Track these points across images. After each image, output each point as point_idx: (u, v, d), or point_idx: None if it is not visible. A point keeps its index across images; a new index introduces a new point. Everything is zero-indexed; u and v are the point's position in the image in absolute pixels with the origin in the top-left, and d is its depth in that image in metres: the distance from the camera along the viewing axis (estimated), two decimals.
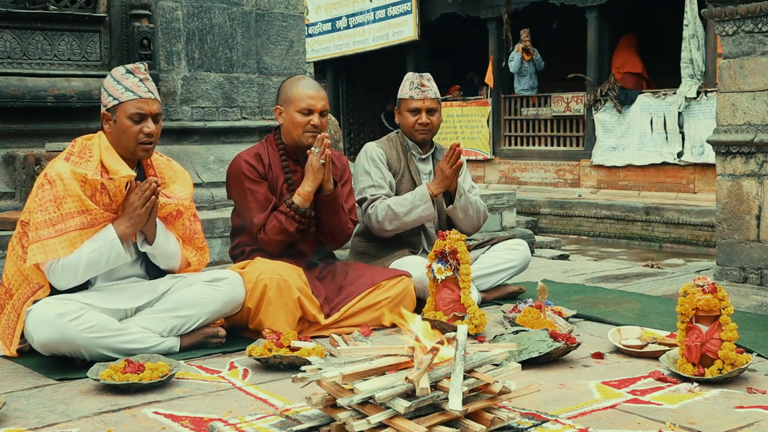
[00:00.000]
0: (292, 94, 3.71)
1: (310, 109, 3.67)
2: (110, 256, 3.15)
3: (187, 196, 3.43)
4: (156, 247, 3.30)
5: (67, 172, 3.10)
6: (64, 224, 3.07)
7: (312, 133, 3.67)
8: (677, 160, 11.79)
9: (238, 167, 3.70)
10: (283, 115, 3.73)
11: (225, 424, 2.39)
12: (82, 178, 3.10)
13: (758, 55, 4.30)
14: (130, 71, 3.23)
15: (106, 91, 3.24)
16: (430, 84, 4.21)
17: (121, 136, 3.19)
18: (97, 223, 3.14)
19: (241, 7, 5.91)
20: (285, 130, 3.75)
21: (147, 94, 3.21)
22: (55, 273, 3.09)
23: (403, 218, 4.06)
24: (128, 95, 3.18)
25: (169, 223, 3.36)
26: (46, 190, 3.09)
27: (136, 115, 3.17)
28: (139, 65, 3.27)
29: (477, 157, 14.59)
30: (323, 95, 3.74)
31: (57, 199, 3.07)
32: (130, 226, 3.17)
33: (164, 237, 3.33)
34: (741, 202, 4.37)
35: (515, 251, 4.30)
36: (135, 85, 3.20)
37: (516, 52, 13.80)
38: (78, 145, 3.23)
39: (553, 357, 3.06)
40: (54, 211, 3.07)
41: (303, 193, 3.61)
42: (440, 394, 2.13)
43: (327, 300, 3.65)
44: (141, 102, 3.19)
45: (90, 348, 3.01)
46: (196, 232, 3.47)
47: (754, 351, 3.13)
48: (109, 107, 3.21)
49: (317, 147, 3.59)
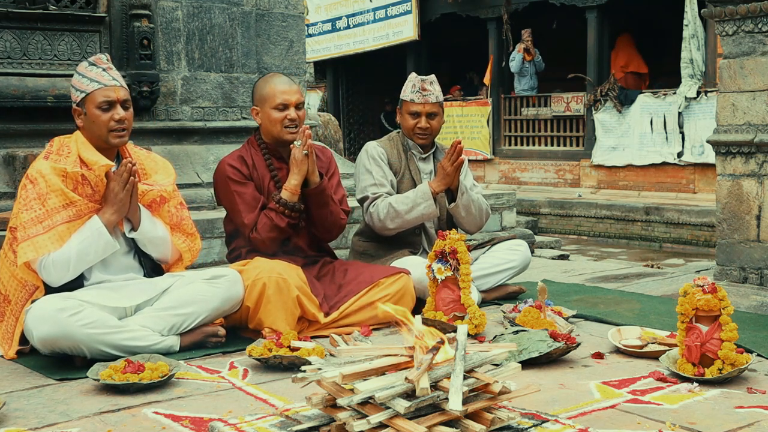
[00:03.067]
0: (265, 92, 3.74)
1: (285, 104, 3.70)
2: (99, 245, 3.18)
3: (169, 183, 3.48)
4: (142, 232, 3.33)
5: (47, 169, 3.16)
6: (51, 219, 3.12)
7: (290, 128, 3.70)
8: (677, 160, 11.79)
9: (223, 171, 3.73)
10: (260, 115, 3.76)
11: (225, 424, 2.39)
12: (63, 173, 3.16)
13: (758, 55, 4.30)
14: (93, 63, 3.29)
15: (73, 87, 3.30)
16: (432, 88, 4.20)
17: (92, 126, 3.25)
18: (82, 214, 3.18)
19: (241, 7, 5.91)
20: (264, 129, 3.78)
21: (112, 81, 3.27)
22: (46, 269, 3.12)
23: (405, 216, 4.05)
24: (94, 85, 3.24)
25: (154, 210, 3.41)
26: (29, 190, 3.15)
27: (104, 103, 3.23)
28: (100, 56, 3.33)
29: (477, 157, 14.59)
30: (296, 89, 3.78)
31: (41, 197, 3.12)
32: (114, 212, 3.21)
33: (150, 223, 3.36)
34: (741, 202, 4.37)
35: (515, 251, 4.30)
36: (99, 75, 3.26)
37: (517, 52, 13.80)
38: (56, 144, 3.30)
39: (553, 357, 3.06)
40: (39, 209, 3.12)
41: (290, 187, 3.64)
42: (440, 394, 2.13)
43: (326, 298, 3.66)
44: (107, 90, 3.25)
45: (89, 344, 3.01)
46: (184, 219, 3.50)
47: (754, 351, 3.13)
48: (78, 101, 3.28)
49: (299, 139, 3.62)
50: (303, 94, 3.86)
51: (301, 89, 3.84)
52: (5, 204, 4.86)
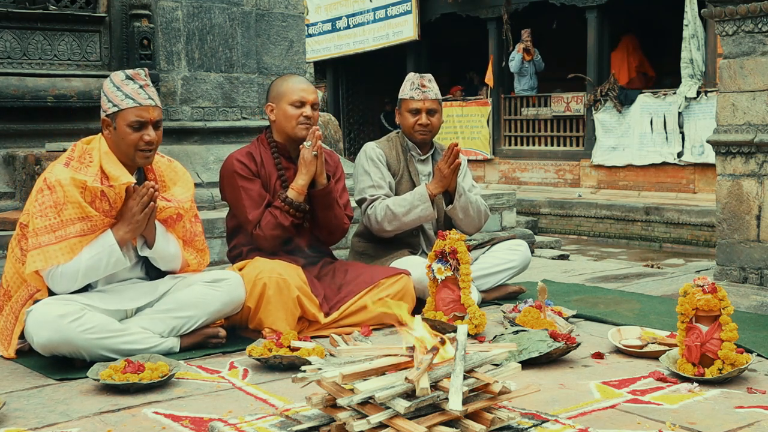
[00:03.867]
0: (283, 89, 3.76)
1: (302, 101, 3.72)
2: (109, 262, 3.14)
3: (187, 198, 3.41)
4: (156, 251, 3.28)
5: (67, 179, 3.07)
6: (65, 230, 3.05)
7: (305, 125, 3.71)
8: (677, 160, 11.79)
9: (231, 166, 3.72)
10: (275, 111, 3.77)
11: (225, 424, 2.39)
12: (82, 185, 3.08)
13: (758, 55, 4.30)
14: (130, 77, 3.18)
15: (105, 96, 3.19)
16: (431, 85, 4.21)
17: (120, 143, 3.16)
18: (97, 229, 3.12)
19: (241, 7, 5.91)
20: (278, 125, 3.78)
21: (147, 101, 3.17)
22: (54, 279, 3.08)
23: (402, 218, 4.05)
24: (128, 102, 3.14)
25: (169, 225, 3.34)
26: (45, 196, 3.08)
27: (135, 122, 3.14)
28: (139, 71, 3.23)
29: (477, 157, 14.58)
30: (314, 89, 3.81)
31: (57, 206, 3.05)
32: (129, 231, 3.16)
33: (164, 240, 3.31)
34: (741, 202, 4.37)
35: (515, 251, 4.30)
36: (135, 92, 3.16)
37: (517, 52, 13.79)
38: (78, 150, 3.20)
39: (553, 357, 3.06)
40: (54, 218, 3.05)
41: (297, 187, 3.64)
42: (440, 394, 2.13)
43: (326, 299, 3.66)
44: (141, 110, 3.15)
45: (90, 349, 3.01)
46: (197, 234, 3.46)
47: (754, 351, 3.13)
48: (108, 113, 3.17)
49: (309, 140, 3.63)
50: (319, 96, 3.87)
51: (318, 92, 3.86)
52: (5, 204, 4.86)
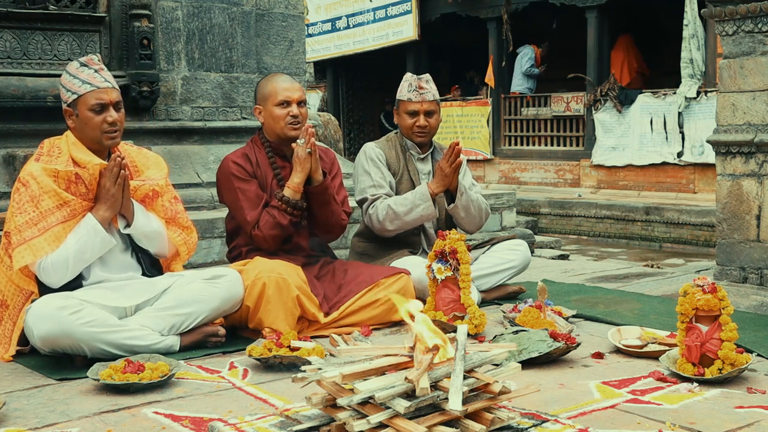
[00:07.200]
0: (267, 90, 3.77)
1: (287, 100, 3.73)
2: (95, 243, 3.18)
3: (161, 177, 3.47)
4: (137, 227, 3.33)
5: (39, 170, 3.15)
6: (46, 221, 3.11)
7: (293, 124, 3.72)
8: (677, 160, 11.79)
9: (227, 168, 3.74)
10: (263, 113, 3.79)
11: (225, 424, 2.39)
12: (54, 173, 3.15)
13: (758, 55, 4.29)
14: (84, 63, 3.28)
15: (63, 87, 3.29)
16: (429, 86, 4.21)
17: (85, 128, 3.24)
18: (77, 213, 3.18)
19: (241, 7, 5.91)
20: (267, 127, 3.80)
21: (104, 83, 3.26)
22: (45, 271, 3.12)
23: (404, 218, 4.06)
24: (86, 87, 3.23)
25: (148, 205, 3.41)
26: (21, 193, 3.14)
27: (96, 105, 3.22)
28: (92, 56, 3.32)
29: (477, 157, 14.58)
30: (298, 87, 3.81)
31: (34, 199, 3.11)
32: (107, 209, 3.21)
33: (144, 217, 3.37)
34: (741, 202, 4.37)
35: (515, 251, 4.30)
36: (90, 76, 3.25)
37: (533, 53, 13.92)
38: (46, 146, 3.29)
39: (553, 357, 3.06)
40: (33, 211, 3.11)
41: (293, 185, 3.65)
42: (440, 394, 2.13)
43: (326, 298, 3.66)
44: (99, 92, 3.23)
45: (90, 342, 3.02)
46: (179, 212, 3.51)
47: (754, 351, 3.13)
48: (69, 102, 3.26)
49: (302, 138, 3.63)
50: (305, 93, 3.88)
51: (303, 88, 3.86)
52: (5, 204, 4.86)
